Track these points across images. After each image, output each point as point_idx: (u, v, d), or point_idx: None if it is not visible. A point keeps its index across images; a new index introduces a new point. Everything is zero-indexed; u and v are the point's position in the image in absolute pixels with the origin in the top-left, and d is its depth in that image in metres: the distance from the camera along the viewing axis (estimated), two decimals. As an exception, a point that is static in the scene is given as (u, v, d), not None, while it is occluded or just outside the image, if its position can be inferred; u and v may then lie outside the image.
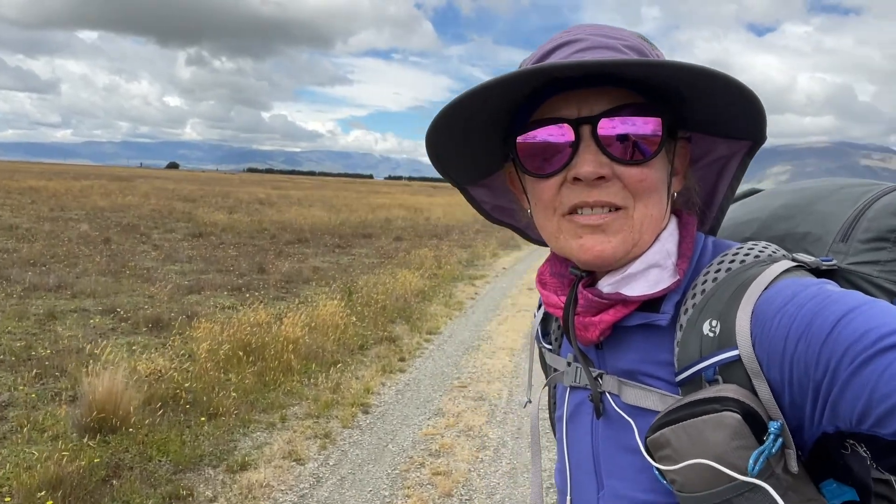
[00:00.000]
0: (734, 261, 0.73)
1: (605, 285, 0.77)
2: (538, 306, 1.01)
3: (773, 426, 0.62)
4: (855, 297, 0.62)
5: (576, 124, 0.72)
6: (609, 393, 0.79)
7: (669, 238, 0.78)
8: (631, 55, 0.74)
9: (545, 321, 0.99)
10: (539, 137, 0.74)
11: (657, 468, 0.69)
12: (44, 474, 3.49)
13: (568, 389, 0.88)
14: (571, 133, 0.72)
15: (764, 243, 0.76)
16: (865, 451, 0.62)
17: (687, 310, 0.73)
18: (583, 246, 0.74)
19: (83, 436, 4.12)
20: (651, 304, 0.77)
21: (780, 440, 0.62)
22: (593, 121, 0.71)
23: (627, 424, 0.76)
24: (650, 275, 0.75)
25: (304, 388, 5.59)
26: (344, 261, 13.40)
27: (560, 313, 0.81)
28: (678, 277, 0.75)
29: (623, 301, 0.76)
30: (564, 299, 0.81)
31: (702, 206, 0.86)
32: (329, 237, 17.29)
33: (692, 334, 0.70)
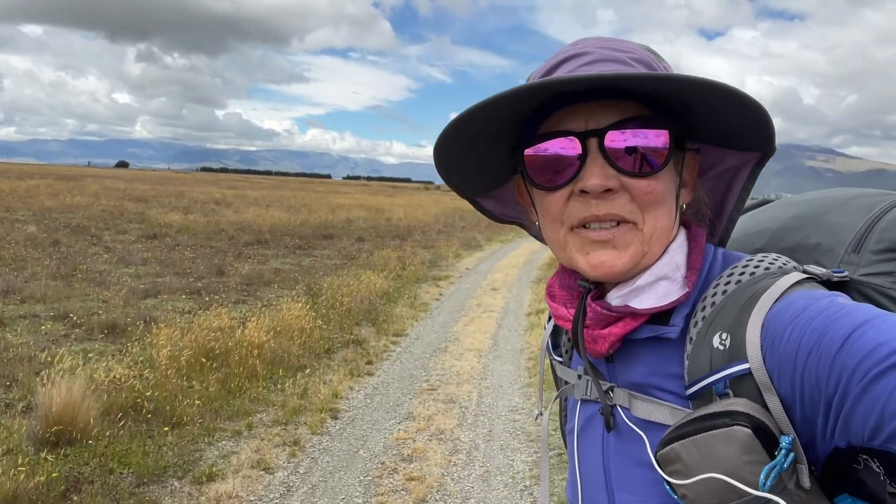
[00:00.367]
0: (744, 273, 0.72)
1: (614, 298, 0.77)
2: (548, 318, 1.00)
3: (785, 441, 0.61)
4: (867, 310, 0.61)
5: (583, 137, 0.72)
6: (620, 406, 0.79)
7: (678, 250, 0.77)
8: (638, 68, 0.75)
9: (555, 333, 0.98)
10: (546, 150, 0.74)
11: (668, 482, 0.67)
12: (-2, 491, 3.31)
13: (579, 402, 0.88)
14: (579, 146, 0.72)
15: (774, 255, 0.75)
16: (878, 467, 0.60)
17: (697, 322, 0.72)
18: (590, 261, 0.74)
19: (40, 449, 3.93)
20: (661, 317, 0.76)
21: (792, 455, 0.61)
22: (600, 133, 0.71)
23: (639, 438, 0.75)
24: (659, 287, 0.75)
25: (271, 395, 5.47)
26: (306, 262, 13.20)
27: (569, 326, 0.81)
28: (687, 290, 0.75)
29: (632, 314, 0.75)
30: (573, 312, 0.80)
31: (711, 218, 0.86)
32: (289, 238, 17.01)
33: (702, 347, 0.70)
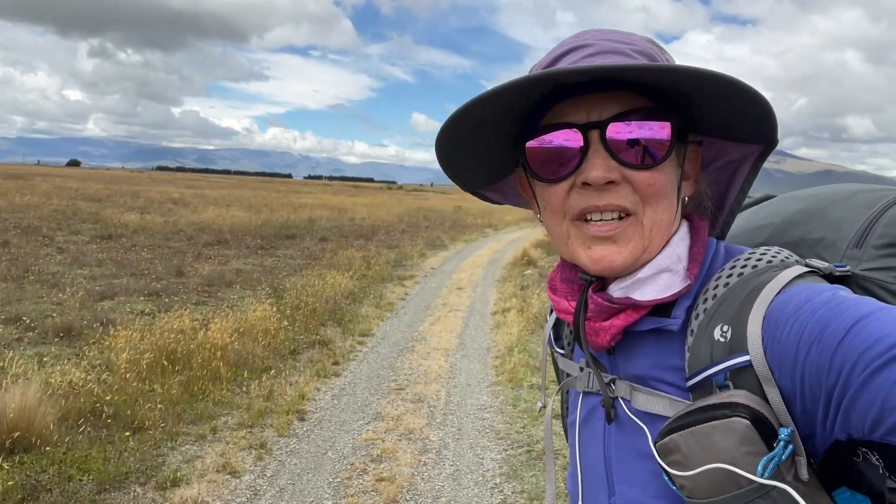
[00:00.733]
0: (746, 266, 0.73)
1: (616, 290, 0.77)
2: (550, 311, 1.00)
3: (784, 433, 0.61)
4: (869, 303, 0.61)
5: (585, 129, 0.72)
6: (621, 398, 0.79)
7: (680, 243, 0.78)
8: (640, 59, 0.74)
9: (557, 326, 0.98)
10: (549, 142, 0.74)
11: (667, 473, 0.68)
12: (-52, 503, 3.17)
13: (581, 394, 0.88)
14: (581, 138, 0.72)
15: (776, 248, 0.76)
16: (878, 459, 0.61)
17: (698, 315, 0.72)
18: (591, 256, 0.75)
19: (-7, 457, 3.77)
20: (662, 309, 0.76)
21: (791, 447, 0.61)
22: (602, 125, 0.71)
23: (640, 430, 0.75)
24: (661, 279, 0.75)
25: (235, 397, 5.37)
26: (268, 263, 12.99)
27: (571, 319, 0.81)
28: (689, 282, 0.75)
29: (633, 306, 0.75)
30: (575, 304, 0.80)
31: (713, 211, 0.86)
32: (251, 238, 16.70)
33: (703, 339, 0.70)
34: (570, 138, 0.72)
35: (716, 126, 0.78)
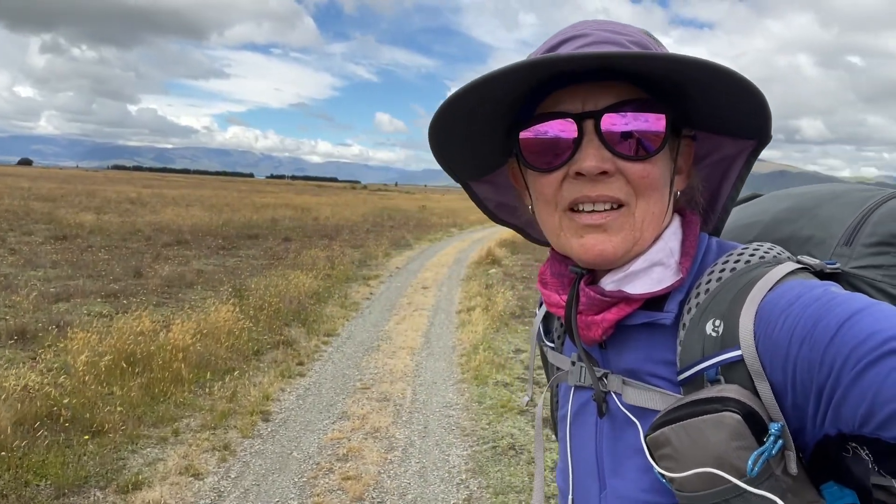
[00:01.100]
0: (739, 261, 0.73)
1: (608, 283, 0.77)
2: (539, 304, 1.00)
3: (774, 427, 0.61)
4: (860, 300, 0.62)
5: (579, 119, 0.71)
6: (613, 393, 0.79)
7: (672, 236, 0.78)
8: (636, 50, 0.74)
9: (546, 320, 0.98)
10: (542, 131, 0.74)
11: (657, 468, 0.68)
12: None
13: (572, 389, 0.87)
14: (574, 128, 0.72)
15: (769, 245, 0.76)
16: (867, 454, 0.61)
17: (690, 309, 0.72)
18: (584, 245, 0.74)
19: (-57, 464, 3.65)
20: (654, 303, 0.76)
21: (781, 442, 0.61)
22: (597, 115, 0.71)
23: (632, 424, 0.75)
24: (653, 273, 0.75)
25: (198, 399, 5.29)
26: (230, 263, 12.80)
27: (562, 312, 0.80)
28: (681, 276, 0.75)
29: (625, 299, 0.75)
30: (566, 298, 0.80)
31: (705, 206, 0.86)
32: (212, 238, 16.42)
33: (695, 334, 0.70)
34: (565, 128, 0.72)
35: (709, 119, 0.78)
